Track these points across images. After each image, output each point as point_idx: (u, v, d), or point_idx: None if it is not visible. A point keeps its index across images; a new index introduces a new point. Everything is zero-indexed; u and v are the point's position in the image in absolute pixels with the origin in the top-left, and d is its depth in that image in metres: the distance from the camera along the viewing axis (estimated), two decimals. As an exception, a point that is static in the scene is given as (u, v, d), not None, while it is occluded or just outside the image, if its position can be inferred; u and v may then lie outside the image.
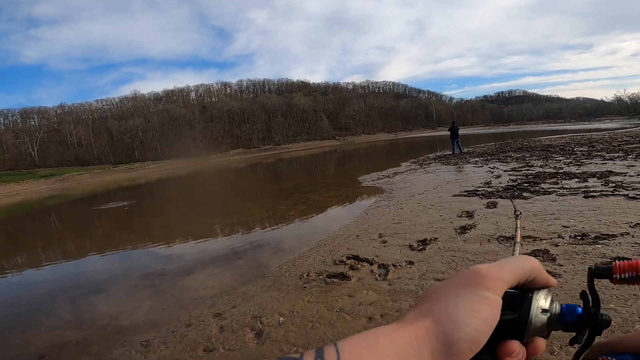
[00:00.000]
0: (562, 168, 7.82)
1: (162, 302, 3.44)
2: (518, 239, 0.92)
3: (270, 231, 6.06)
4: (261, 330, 2.57)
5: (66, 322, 3.23)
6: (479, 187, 6.75)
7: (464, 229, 4.17)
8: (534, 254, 3.16)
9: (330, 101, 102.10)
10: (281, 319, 2.69)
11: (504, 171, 8.43)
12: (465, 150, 15.96)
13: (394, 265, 3.37)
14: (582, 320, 0.30)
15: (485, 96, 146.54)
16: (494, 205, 5.16)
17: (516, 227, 1.06)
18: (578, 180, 6.22)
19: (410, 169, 11.89)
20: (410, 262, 3.41)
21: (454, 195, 6.25)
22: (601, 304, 0.31)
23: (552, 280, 0.31)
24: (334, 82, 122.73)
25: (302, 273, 3.55)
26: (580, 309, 0.31)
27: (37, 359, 2.67)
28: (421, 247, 3.79)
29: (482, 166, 10.00)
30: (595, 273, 0.32)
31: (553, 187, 5.84)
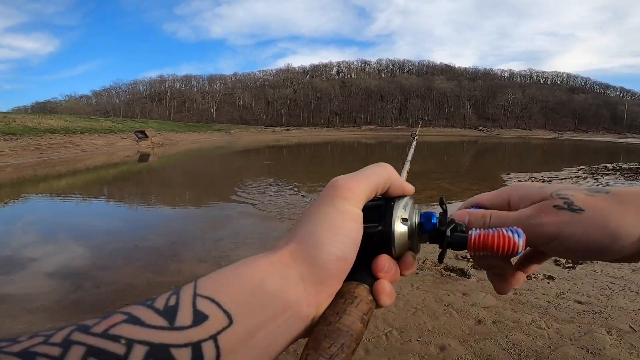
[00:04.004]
0: None
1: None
2: (409, 157, 0.74)
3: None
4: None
5: (211, 257, 3.71)
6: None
7: None
8: None
9: (477, 88, 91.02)
10: (387, 295, 2.71)
11: None
12: None
13: (527, 275, 2.90)
14: (438, 231, 0.28)
15: None
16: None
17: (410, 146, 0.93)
18: None
19: (577, 177, 9.62)
20: (550, 277, 2.88)
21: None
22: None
23: (409, 187, 0.30)
24: (484, 68, 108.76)
25: (417, 259, 3.43)
26: (435, 218, 0.28)
27: None
28: (570, 264, 3.12)
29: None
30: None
31: None
